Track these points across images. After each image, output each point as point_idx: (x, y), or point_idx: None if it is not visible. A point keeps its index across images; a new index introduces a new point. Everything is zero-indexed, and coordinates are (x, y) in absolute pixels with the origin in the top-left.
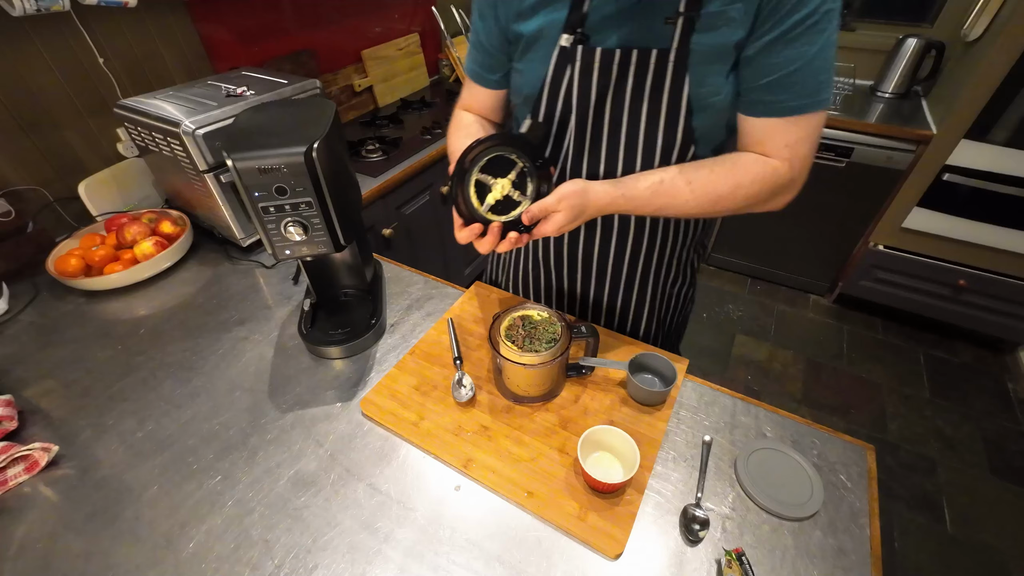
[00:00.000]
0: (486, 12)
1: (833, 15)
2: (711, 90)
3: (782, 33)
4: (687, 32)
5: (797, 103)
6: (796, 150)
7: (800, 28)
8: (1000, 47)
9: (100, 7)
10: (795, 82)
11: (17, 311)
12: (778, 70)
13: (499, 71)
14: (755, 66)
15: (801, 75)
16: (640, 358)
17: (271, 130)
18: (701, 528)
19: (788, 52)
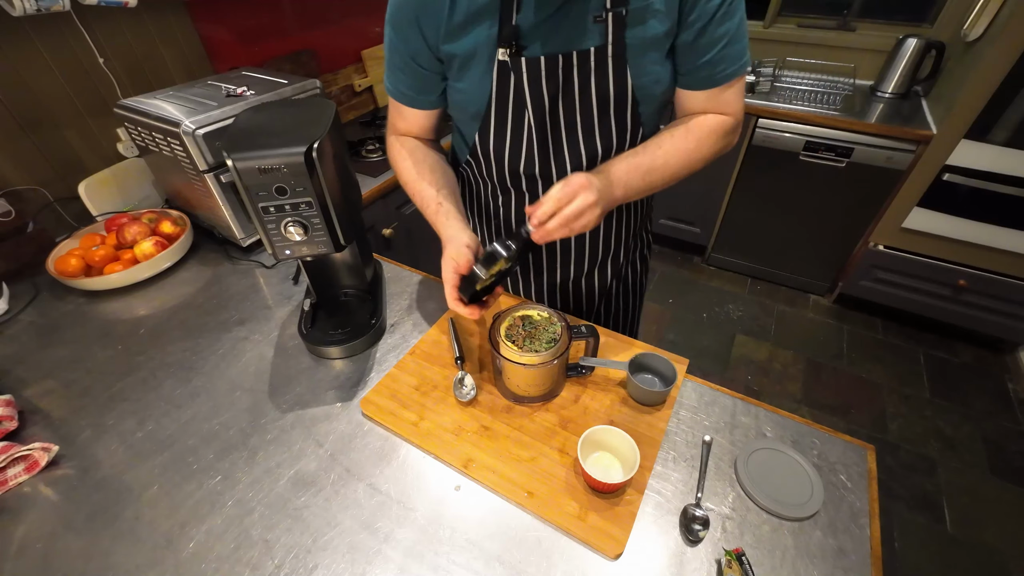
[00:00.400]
0: (410, 35)
1: None
2: (652, 79)
3: (711, 16)
4: (620, 27)
5: (731, 70)
6: (733, 105)
7: (723, 8)
8: (1000, 47)
9: (100, 7)
10: (728, 55)
11: (17, 311)
12: (713, 47)
13: (435, 91)
14: (694, 48)
15: (731, 47)
16: (640, 358)
17: (271, 130)
18: (701, 528)
19: (720, 31)
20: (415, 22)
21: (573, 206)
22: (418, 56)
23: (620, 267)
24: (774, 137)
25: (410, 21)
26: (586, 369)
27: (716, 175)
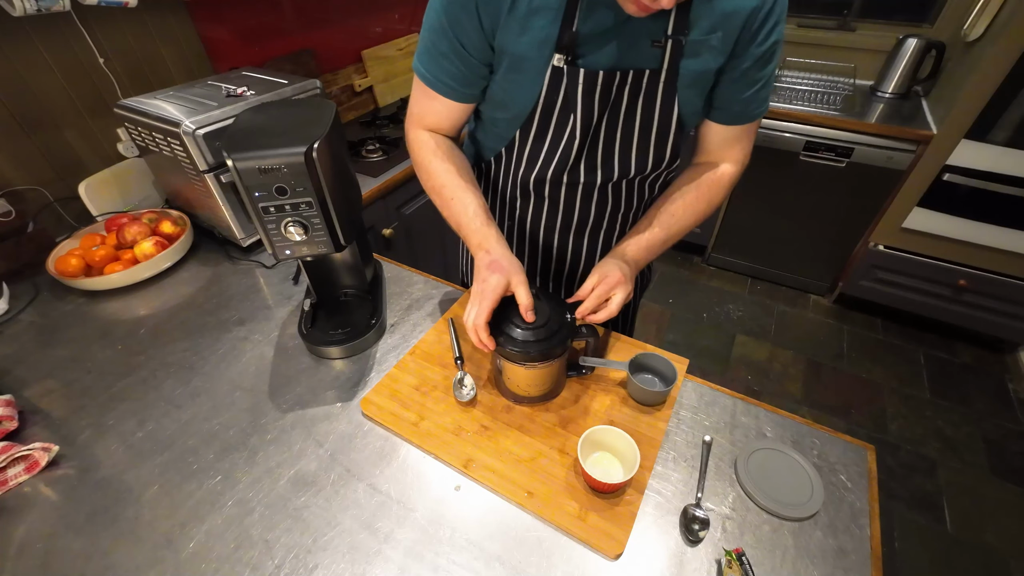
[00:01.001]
0: (464, 18)
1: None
2: (693, 110)
3: (760, 56)
4: (677, 55)
5: (760, 110)
6: (747, 150)
7: (770, 51)
8: (1000, 47)
9: (100, 7)
10: (762, 96)
11: (17, 311)
12: (755, 85)
13: (479, 84)
14: (740, 83)
15: (765, 90)
16: (640, 358)
17: (271, 130)
18: (701, 528)
19: (763, 71)
20: (472, 4)
21: (615, 302)
22: (470, 43)
23: None
24: (774, 137)
25: (467, 2)
26: (587, 369)
27: None
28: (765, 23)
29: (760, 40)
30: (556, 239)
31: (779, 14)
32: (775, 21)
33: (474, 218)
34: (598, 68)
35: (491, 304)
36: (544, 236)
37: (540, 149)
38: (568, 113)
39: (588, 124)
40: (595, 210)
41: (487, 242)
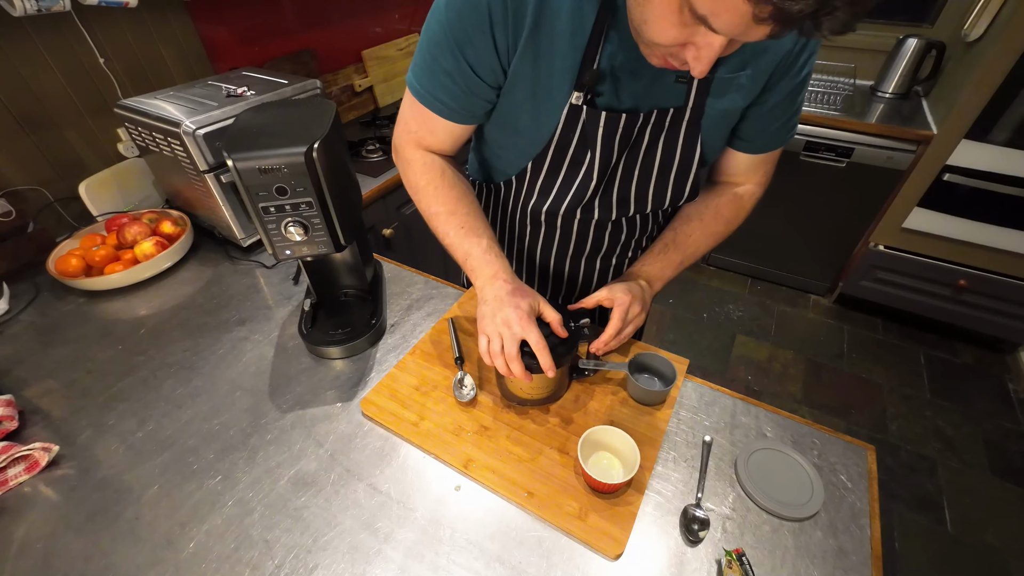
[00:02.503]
0: (476, 37)
1: (811, 73)
2: (715, 148)
3: (794, 87)
4: (702, 94)
5: (788, 136)
6: (770, 174)
7: (797, 90)
8: (1001, 47)
9: (101, 7)
10: (792, 124)
11: (18, 311)
12: (785, 115)
13: (483, 108)
14: (768, 117)
15: (795, 118)
16: (640, 358)
17: (271, 130)
18: (701, 528)
19: (795, 102)
20: (487, 22)
21: (628, 329)
22: (480, 64)
23: None
24: None
25: (481, 20)
26: (588, 371)
27: None
28: (799, 58)
29: (793, 73)
30: (567, 265)
31: (813, 46)
32: (809, 53)
33: (487, 251)
34: (620, 109)
35: (535, 328)
36: (555, 262)
37: (553, 183)
38: (585, 151)
39: (607, 163)
40: (608, 240)
41: (504, 272)
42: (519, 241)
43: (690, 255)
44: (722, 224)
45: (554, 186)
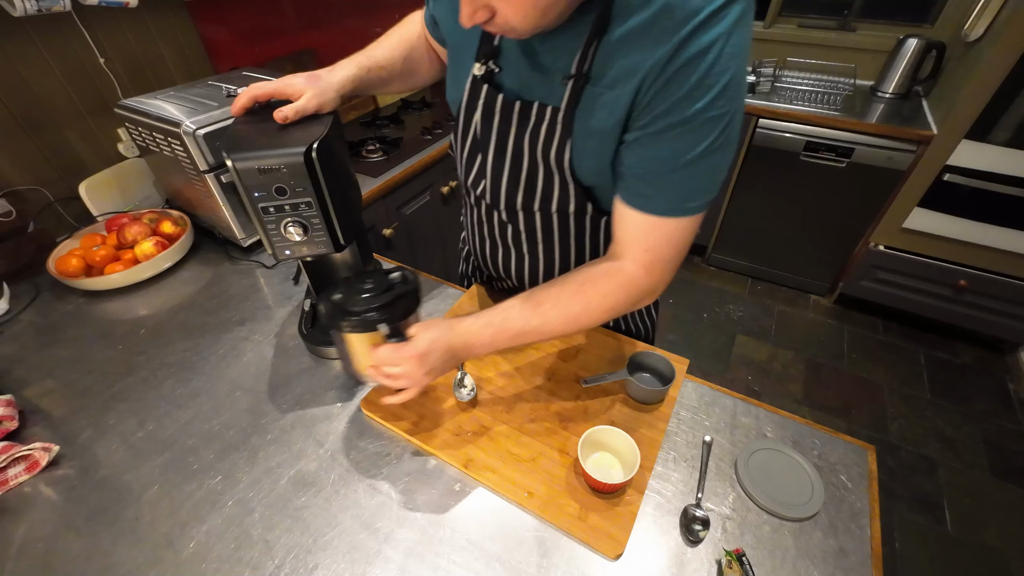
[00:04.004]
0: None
1: (721, 121)
2: (595, 163)
3: (658, 131)
4: (573, 102)
5: (664, 205)
6: (657, 254)
7: (678, 130)
8: (1001, 47)
9: (101, 7)
10: (666, 183)
11: (18, 311)
12: (649, 165)
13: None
14: (631, 154)
15: (674, 177)
16: (639, 357)
17: (271, 130)
18: (701, 528)
19: (662, 151)
20: None
21: (394, 370)
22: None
23: None
24: (774, 137)
25: None
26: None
27: None
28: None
29: (664, 109)
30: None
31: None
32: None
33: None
34: (514, 93)
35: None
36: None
37: (463, 152)
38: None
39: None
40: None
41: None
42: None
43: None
44: (581, 303)
45: (463, 155)
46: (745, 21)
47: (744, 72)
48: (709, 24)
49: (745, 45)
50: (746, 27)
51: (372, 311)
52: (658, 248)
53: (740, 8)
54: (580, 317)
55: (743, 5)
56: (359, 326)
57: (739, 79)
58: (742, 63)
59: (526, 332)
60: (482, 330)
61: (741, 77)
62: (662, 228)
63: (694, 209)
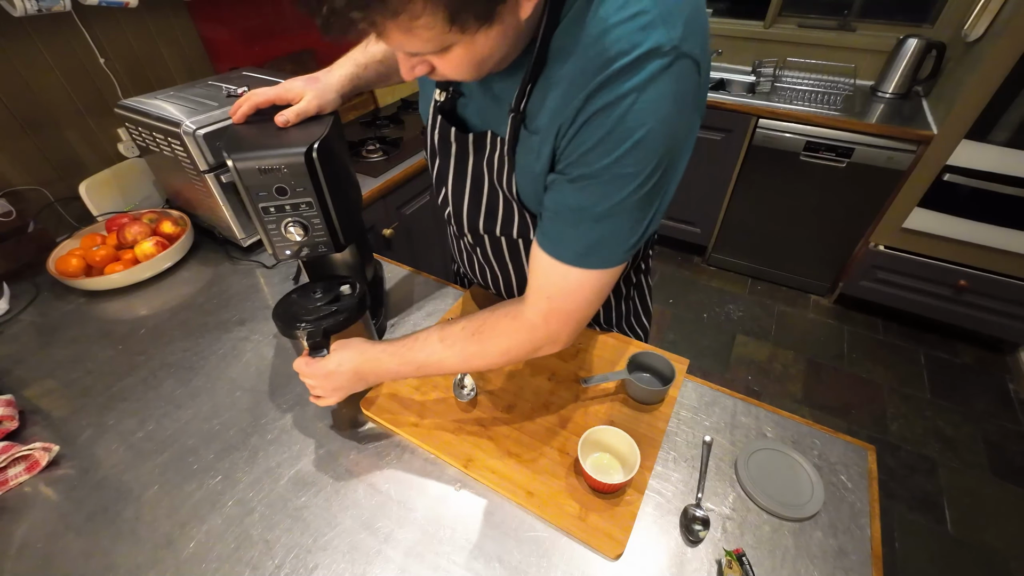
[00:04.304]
0: None
1: (633, 179)
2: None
3: (570, 178)
4: (513, 139)
5: (569, 253)
6: (557, 304)
7: (586, 181)
8: (1001, 47)
9: (101, 7)
10: (574, 231)
11: (18, 311)
12: (560, 210)
13: None
14: (548, 195)
15: (581, 227)
16: (639, 357)
17: (271, 130)
18: (701, 528)
19: (570, 198)
20: None
21: (307, 381)
22: None
23: None
24: (774, 137)
25: None
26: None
27: (716, 175)
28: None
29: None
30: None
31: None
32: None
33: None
34: (470, 121)
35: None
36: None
37: (433, 167)
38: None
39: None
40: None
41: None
42: None
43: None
44: (476, 344)
45: (434, 170)
46: (666, 77)
47: (670, 131)
48: (621, 76)
49: (664, 102)
50: (667, 83)
51: (302, 322)
52: (560, 298)
53: (660, 63)
54: (475, 358)
55: (665, 61)
56: (288, 331)
57: (656, 138)
58: (664, 121)
59: (427, 365)
60: (389, 359)
61: (661, 136)
62: (567, 277)
63: (596, 264)
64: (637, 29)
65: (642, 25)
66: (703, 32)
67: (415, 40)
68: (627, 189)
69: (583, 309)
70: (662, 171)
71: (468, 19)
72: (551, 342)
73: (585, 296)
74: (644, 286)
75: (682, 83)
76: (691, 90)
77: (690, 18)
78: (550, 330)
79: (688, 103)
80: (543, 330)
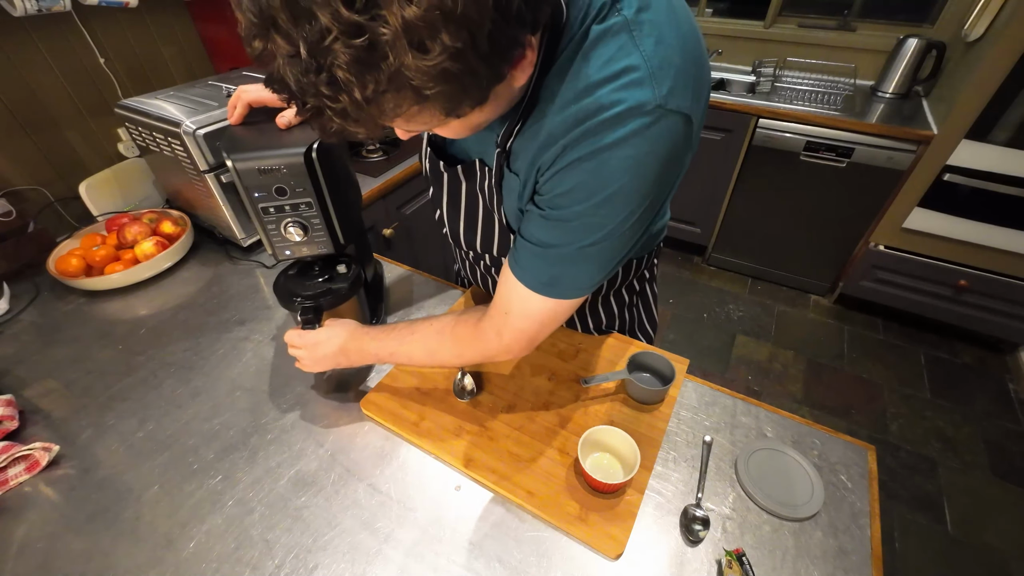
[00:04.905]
0: None
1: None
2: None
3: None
4: (500, 170)
5: (532, 279)
6: (512, 321)
7: (555, 222)
8: (1001, 47)
9: (101, 7)
10: (539, 261)
11: (18, 311)
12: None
13: None
14: (524, 221)
15: (547, 258)
16: (639, 357)
17: (271, 130)
18: (701, 528)
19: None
20: None
21: (295, 352)
22: None
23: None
24: (775, 137)
25: None
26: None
27: (716, 175)
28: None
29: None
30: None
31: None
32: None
33: None
34: (465, 149)
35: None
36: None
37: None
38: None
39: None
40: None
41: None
42: None
43: (403, 352)
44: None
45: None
46: (648, 135)
47: (647, 187)
48: (600, 130)
49: (644, 160)
50: (648, 141)
51: (298, 296)
52: (516, 317)
53: (642, 122)
54: (436, 353)
55: (647, 120)
56: (285, 303)
57: (629, 193)
58: (641, 178)
59: (398, 353)
60: (370, 342)
61: (636, 192)
62: (526, 300)
63: (556, 295)
64: (620, 87)
65: (626, 83)
66: (698, 82)
67: (414, 126)
68: (594, 236)
69: (537, 329)
70: (633, 221)
71: (464, 108)
72: (504, 352)
73: (541, 320)
74: (648, 294)
75: (665, 140)
76: (677, 145)
77: (682, 71)
78: (503, 343)
79: (673, 157)
80: (495, 342)
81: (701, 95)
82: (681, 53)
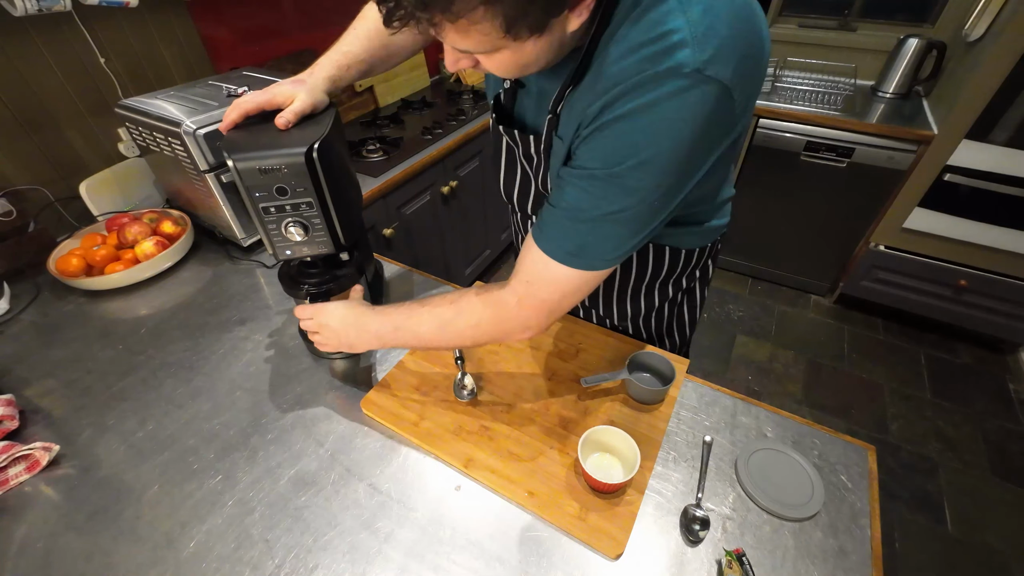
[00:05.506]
0: None
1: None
2: None
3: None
4: (548, 143)
5: (553, 246)
6: (534, 289)
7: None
8: (1001, 47)
9: (101, 7)
10: (564, 227)
11: (18, 311)
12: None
13: None
14: (554, 186)
15: (574, 225)
16: (640, 357)
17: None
18: (701, 528)
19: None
20: None
21: (305, 325)
22: None
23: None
24: (775, 137)
25: None
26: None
27: None
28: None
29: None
30: None
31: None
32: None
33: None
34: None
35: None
36: None
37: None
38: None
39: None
40: None
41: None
42: None
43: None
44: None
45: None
46: (684, 98)
47: (682, 157)
48: (637, 90)
49: (679, 125)
50: (684, 105)
51: (306, 283)
52: (537, 284)
53: (678, 84)
54: (448, 325)
55: (683, 82)
56: (291, 290)
57: (664, 161)
58: (677, 144)
59: (405, 327)
60: (374, 316)
61: (670, 160)
62: (549, 269)
63: (580, 265)
64: (661, 50)
65: (667, 46)
66: (746, 60)
67: (468, 40)
68: (625, 202)
69: (558, 301)
70: (664, 191)
71: (522, 29)
72: (522, 327)
73: (562, 290)
74: (697, 296)
75: (701, 107)
76: (714, 115)
77: (728, 42)
78: (522, 314)
79: (709, 128)
80: (515, 311)
81: (748, 74)
82: (730, 26)
